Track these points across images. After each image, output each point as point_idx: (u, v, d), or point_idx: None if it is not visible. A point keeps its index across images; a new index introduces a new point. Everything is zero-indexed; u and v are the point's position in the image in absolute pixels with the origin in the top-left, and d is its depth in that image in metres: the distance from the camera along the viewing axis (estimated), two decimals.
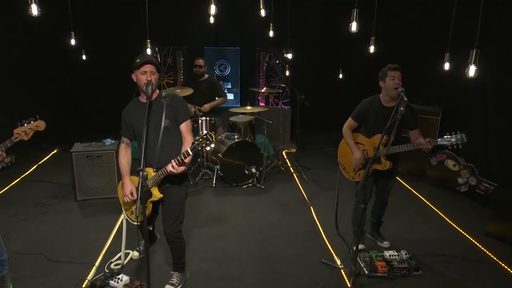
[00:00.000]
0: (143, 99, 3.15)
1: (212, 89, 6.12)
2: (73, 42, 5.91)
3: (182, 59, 7.47)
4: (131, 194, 3.13)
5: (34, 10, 2.69)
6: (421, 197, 5.35)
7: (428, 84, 6.12)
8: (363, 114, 3.75)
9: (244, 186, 5.64)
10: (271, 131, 6.36)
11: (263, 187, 5.61)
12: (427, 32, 6.34)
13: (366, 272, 3.55)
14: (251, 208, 4.98)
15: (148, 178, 3.02)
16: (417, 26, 6.68)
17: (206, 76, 6.12)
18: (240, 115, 6.30)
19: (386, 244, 4.05)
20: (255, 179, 5.70)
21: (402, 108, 3.35)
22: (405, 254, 3.75)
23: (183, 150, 3.13)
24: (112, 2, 7.65)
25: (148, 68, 2.98)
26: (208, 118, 5.66)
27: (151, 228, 3.37)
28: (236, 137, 5.70)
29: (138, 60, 3.00)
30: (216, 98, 6.12)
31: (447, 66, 4.10)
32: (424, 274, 3.58)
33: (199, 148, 2.92)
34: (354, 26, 3.52)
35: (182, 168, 2.96)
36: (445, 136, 3.32)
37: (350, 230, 4.07)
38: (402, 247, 3.91)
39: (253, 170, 5.58)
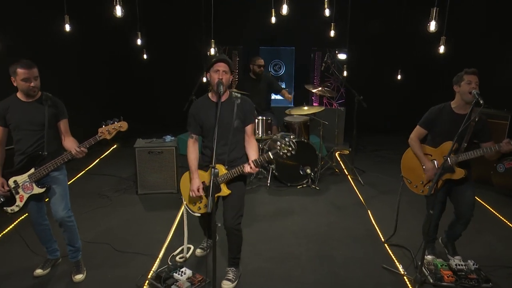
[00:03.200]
0: (213, 97, 3.23)
1: (270, 85, 6.16)
2: (139, 42, 6.13)
3: (237, 58, 7.55)
4: (198, 190, 3.23)
5: (118, 11, 2.83)
6: (486, 205, 5.07)
7: (496, 86, 5.80)
8: (433, 120, 3.55)
9: (298, 187, 5.62)
10: (325, 131, 6.28)
11: (317, 188, 5.56)
12: (496, 32, 6.02)
13: (432, 281, 3.40)
14: (307, 209, 4.95)
15: (219, 174, 3.10)
16: (486, 25, 6.36)
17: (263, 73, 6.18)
18: (295, 115, 6.27)
19: (457, 259, 3.74)
20: (310, 180, 5.66)
21: (475, 116, 3.20)
22: (473, 265, 3.56)
23: (248, 150, 3.25)
24: (173, 3, 7.88)
25: (221, 67, 3.05)
26: (264, 118, 5.68)
27: (219, 225, 3.43)
28: (291, 137, 5.68)
29: (214, 59, 3.09)
30: (275, 94, 6.26)
31: None
32: (495, 287, 3.38)
33: (281, 154, 2.98)
34: (432, 26, 3.39)
35: (257, 169, 3.10)
36: None
37: (410, 237, 3.93)
38: (468, 257, 3.72)
39: (308, 170, 5.55)
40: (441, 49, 4.09)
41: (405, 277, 3.52)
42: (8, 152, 3.34)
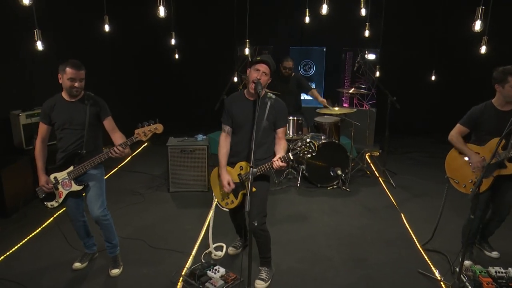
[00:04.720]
0: (248, 94, 3.30)
1: (299, 85, 6.13)
2: (173, 42, 6.20)
3: None
4: (229, 184, 3.30)
5: (161, 12, 2.88)
6: None
7: None
8: (477, 119, 3.49)
9: (328, 188, 5.57)
10: (355, 132, 6.20)
11: (348, 190, 5.50)
12: None
13: (470, 287, 3.31)
14: (337, 211, 4.90)
15: (243, 172, 3.26)
16: None
17: (293, 74, 6.13)
18: (325, 116, 6.22)
19: (495, 254, 3.72)
20: (340, 181, 5.61)
21: None
22: None
23: (277, 151, 3.28)
24: (206, 3, 7.96)
25: (262, 68, 3.12)
26: (295, 118, 5.66)
27: (256, 224, 3.44)
28: (322, 137, 5.65)
29: (258, 58, 3.16)
30: (306, 93, 6.32)
31: None
32: None
33: (301, 155, 3.04)
34: (478, 25, 3.28)
35: (284, 164, 3.11)
36: None
37: (446, 242, 3.83)
38: (509, 264, 3.59)
39: (339, 172, 5.49)
40: (483, 49, 3.97)
41: (442, 283, 3.44)
42: (51, 148, 3.46)
